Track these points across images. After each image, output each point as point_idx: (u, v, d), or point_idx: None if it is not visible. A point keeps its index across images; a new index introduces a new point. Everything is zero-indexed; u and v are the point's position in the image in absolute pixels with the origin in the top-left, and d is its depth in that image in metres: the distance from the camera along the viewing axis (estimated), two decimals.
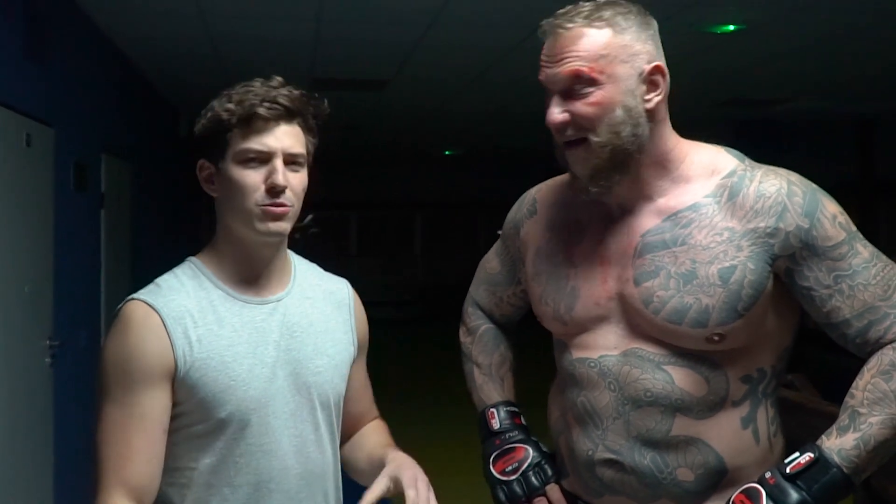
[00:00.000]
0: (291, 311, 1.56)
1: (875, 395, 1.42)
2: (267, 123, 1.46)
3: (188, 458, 1.48)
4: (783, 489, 1.39)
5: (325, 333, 1.60)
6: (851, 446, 1.40)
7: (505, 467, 1.68)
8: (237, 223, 1.50)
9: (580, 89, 1.45)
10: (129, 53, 5.93)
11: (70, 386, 4.23)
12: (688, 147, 1.55)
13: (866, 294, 1.44)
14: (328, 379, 1.58)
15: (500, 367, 1.83)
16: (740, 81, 7.17)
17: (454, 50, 5.91)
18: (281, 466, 1.51)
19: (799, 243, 1.45)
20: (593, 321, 1.56)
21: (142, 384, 1.42)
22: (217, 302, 1.50)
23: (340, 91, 7.37)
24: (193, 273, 1.53)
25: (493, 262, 1.84)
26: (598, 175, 1.48)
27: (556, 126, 1.48)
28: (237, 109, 1.46)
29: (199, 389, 1.45)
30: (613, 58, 1.45)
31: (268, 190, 1.46)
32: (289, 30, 5.34)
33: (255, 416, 1.48)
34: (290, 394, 1.53)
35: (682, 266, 1.47)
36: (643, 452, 1.51)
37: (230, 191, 1.48)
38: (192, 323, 1.46)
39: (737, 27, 5.29)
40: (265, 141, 1.46)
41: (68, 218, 4.35)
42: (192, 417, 1.46)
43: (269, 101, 1.46)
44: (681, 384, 1.48)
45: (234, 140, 1.47)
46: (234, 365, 1.47)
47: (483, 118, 9.32)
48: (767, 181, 1.48)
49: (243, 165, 1.47)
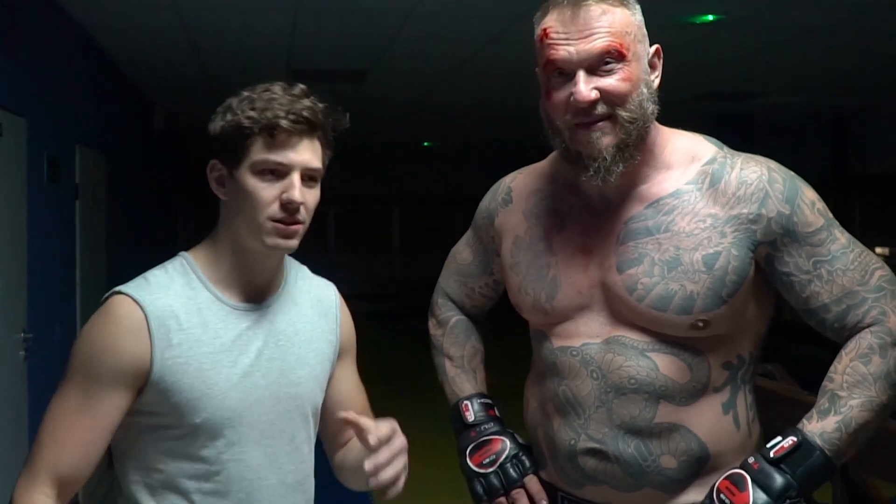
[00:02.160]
0: (278, 319, 1.54)
1: (854, 378, 1.43)
2: (290, 137, 1.41)
3: (157, 460, 1.46)
4: (768, 473, 1.41)
5: (308, 343, 1.58)
6: (833, 429, 1.41)
7: (482, 460, 1.67)
8: (245, 232, 1.46)
9: (609, 66, 1.43)
10: (104, 44, 5.86)
11: (44, 380, 4.18)
12: (668, 134, 1.56)
13: (845, 279, 1.46)
14: (308, 390, 1.56)
15: (472, 358, 1.82)
16: (718, 74, 7.20)
17: (432, 42, 5.89)
18: (254, 477, 1.49)
19: (780, 229, 1.46)
20: (575, 310, 1.55)
21: (107, 381, 1.40)
22: (204, 305, 1.47)
23: (318, 82, 7.28)
24: (184, 270, 1.50)
25: (465, 252, 1.83)
26: (623, 152, 1.45)
27: (587, 104, 1.42)
28: (260, 119, 1.40)
29: (174, 394, 1.42)
30: (634, 35, 1.45)
31: (283, 205, 1.42)
32: (266, 21, 5.30)
33: (229, 425, 1.45)
34: (270, 404, 1.50)
35: (667, 253, 1.47)
36: (627, 440, 1.51)
37: (243, 199, 1.44)
38: (177, 325, 1.43)
39: (716, 17, 5.30)
40: (286, 154, 1.42)
41: (42, 210, 4.29)
42: (165, 420, 1.44)
43: (294, 113, 1.41)
44: (665, 371, 1.49)
45: (254, 149, 1.42)
46: (213, 373, 1.44)
47: (461, 111, 9.31)
48: (748, 168, 1.49)
49: (260, 177, 1.42)
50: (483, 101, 8.49)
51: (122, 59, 6.41)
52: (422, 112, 9.39)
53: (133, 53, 6.20)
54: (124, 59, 6.42)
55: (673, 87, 7.57)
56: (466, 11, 5.06)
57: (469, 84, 7.47)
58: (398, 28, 5.48)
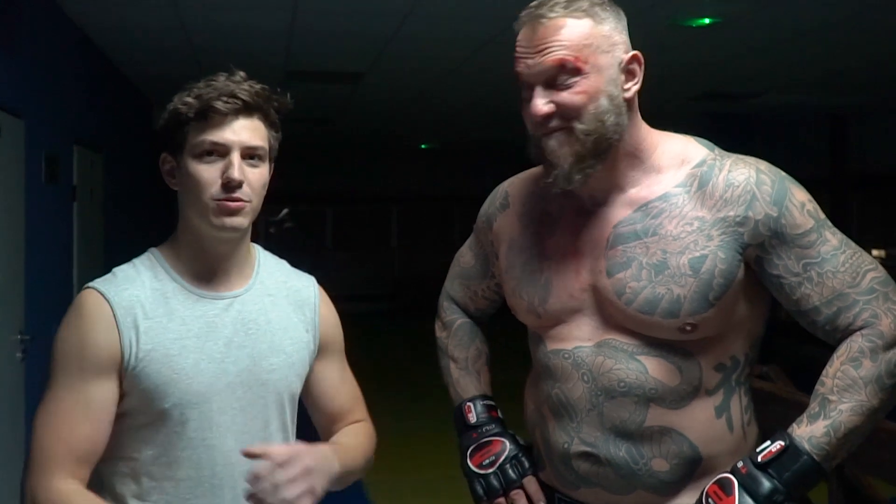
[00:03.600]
0: (249, 308, 1.56)
1: (844, 382, 1.43)
2: (224, 118, 1.46)
3: (131, 449, 1.49)
4: (755, 477, 1.40)
5: (283, 331, 1.59)
6: (822, 433, 1.41)
7: (482, 460, 1.68)
8: (194, 217, 1.50)
9: (565, 79, 1.44)
10: (101, 43, 5.86)
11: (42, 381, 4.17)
12: (658, 137, 1.56)
13: (835, 281, 1.45)
14: (282, 377, 1.58)
15: (475, 360, 1.83)
16: (715, 75, 7.20)
17: (430, 43, 5.90)
18: (225, 462, 1.50)
19: (768, 231, 1.45)
20: (567, 313, 1.56)
21: (90, 373, 1.45)
22: (170, 294, 1.51)
23: (315, 83, 7.34)
24: (151, 264, 1.55)
25: (467, 256, 1.85)
26: (580, 163, 1.47)
27: (541, 117, 1.46)
28: (195, 103, 1.46)
29: (142, 380, 1.46)
30: (596, 47, 1.45)
31: (223, 184, 1.46)
32: (264, 21, 5.30)
33: (197, 410, 1.48)
34: (240, 391, 1.52)
35: (654, 256, 1.48)
36: (618, 444, 1.51)
37: (188, 185, 1.49)
38: (143, 314, 1.47)
39: (712, 20, 5.31)
40: (221, 135, 1.46)
41: (39, 211, 4.29)
42: (134, 407, 1.48)
43: (227, 94, 1.46)
44: (654, 374, 1.49)
45: (192, 134, 1.47)
46: (179, 358, 1.47)
47: (459, 111, 9.31)
48: (736, 170, 1.49)
49: (199, 159, 1.47)
50: (480, 102, 8.50)
51: (120, 59, 6.41)
52: (419, 113, 9.40)
53: (131, 53, 6.21)
54: (122, 59, 6.42)
55: (671, 88, 7.57)
56: (463, 13, 5.07)
57: (466, 85, 7.47)
58: (396, 29, 5.48)
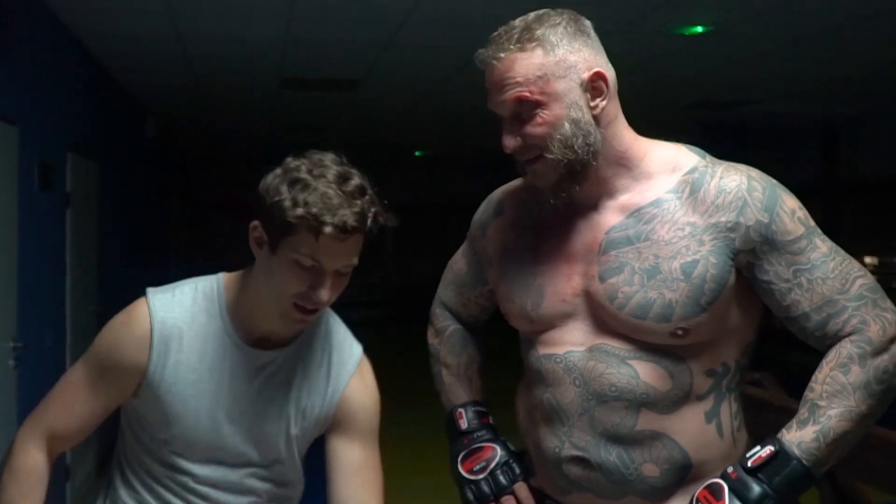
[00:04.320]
0: (280, 370, 1.57)
1: (834, 387, 1.44)
2: (333, 241, 1.40)
3: (139, 454, 1.60)
4: (745, 482, 1.41)
5: (296, 401, 1.59)
6: (811, 439, 1.42)
7: (473, 466, 1.69)
8: (268, 297, 1.48)
9: (526, 112, 1.48)
10: (96, 51, 5.86)
11: (34, 388, 4.16)
12: (647, 144, 1.57)
13: (825, 287, 1.47)
14: (279, 441, 1.59)
15: (467, 367, 1.84)
16: (708, 84, 7.23)
17: (425, 50, 5.91)
18: (224, 500, 1.58)
19: (759, 237, 1.47)
20: (560, 318, 1.57)
21: (109, 374, 1.54)
22: (212, 335, 1.52)
23: (310, 91, 7.34)
24: (212, 294, 1.55)
25: (460, 263, 1.86)
26: (559, 187, 1.52)
27: (511, 150, 1.52)
28: (307, 218, 1.37)
29: (156, 404, 1.52)
30: (550, 76, 1.47)
31: (308, 296, 1.43)
32: (259, 29, 5.30)
33: (196, 448, 1.54)
34: (241, 446, 1.56)
35: (646, 261, 1.49)
36: (609, 449, 1.52)
37: (274, 275, 1.45)
38: (177, 347, 1.51)
39: (705, 28, 5.33)
40: (325, 258, 1.41)
41: (33, 218, 4.28)
42: (144, 422, 1.58)
43: (343, 223, 1.38)
44: (645, 378, 1.49)
45: (296, 240, 1.40)
46: (192, 401, 1.52)
47: (454, 119, 9.33)
48: (728, 177, 1.50)
49: (295, 265, 1.42)
50: (475, 110, 8.50)
51: (114, 66, 6.41)
52: (414, 120, 9.41)
53: (126, 60, 6.20)
54: (117, 66, 6.42)
55: (664, 97, 7.59)
56: (458, 21, 5.08)
57: (461, 92, 7.48)
58: (390, 36, 5.50)
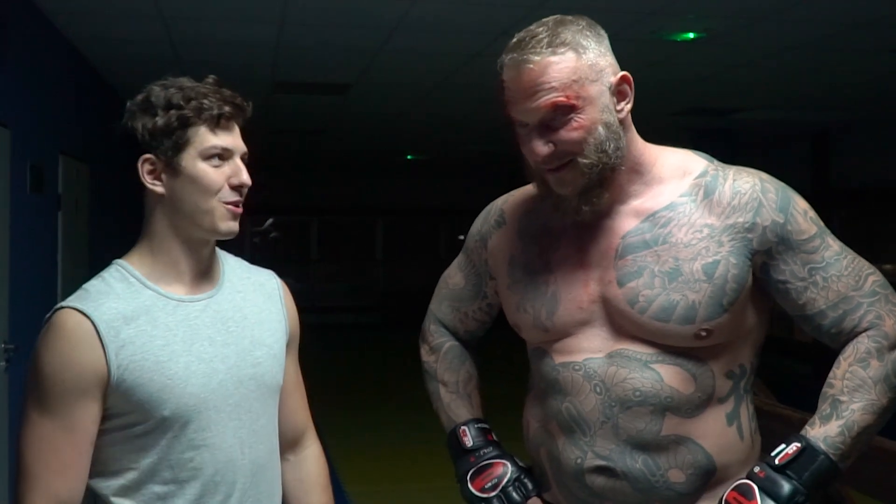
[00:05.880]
0: (224, 307, 1.57)
1: (854, 382, 1.46)
2: (229, 122, 1.51)
3: (128, 460, 1.47)
4: (774, 480, 1.41)
5: (259, 324, 1.61)
6: (836, 433, 1.43)
7: (484, 484, 1.65)
8: (190, 221, 1.50)
9: (560, 118, 1.44)
10: (88, 54, 5.86)
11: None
12: (656, 150, 1.57)
13: (840, 285, 1.49)
14: (268, 369, 1.59)
15: (466, 384, 1.80)
16: (699, 90, 7.26)
17: (417, 55, 5.92)
18: (226, 459, 1.51)
19: (775, 237, 1.48)
20: (576, 325, 1.55)
21: (73, 395, 1.41)
22: (149, 303, 1.50)
23: (303, 95, 7.35)
24: (122, 276, 1.53)
25: (457, 276, 1.81)
26: (589, 193, 1.48)
27: (541, 159, 1.46)
28: (203, 107, 1.49)
29: (136, 391, 1.44)
30: (584, 80, 1.44)
31: (234, 188, 1.50)
32: (251, 32, 5.31)
33: (195, 412, 1.48)
34: (232, 387, 1.53)
35: (666, 264, 1.49)
36: (634, 456, 1.50)
37: (190, 187, 1.49)
38: (125, 325, 1.45)
39: (697, 35, 5.36)
40: (231, 140, 1.51)
41: (24, 220, 4.28)
42: (130, 419, 1.46)
43: (230, 101, 1.51)
44: (670, 382, 1.48)
45: (199, 137, 1.49)
46: (171, 364, 1.47)
47: (446, 124, 9.34)
48: (741, 179, 1.52)
49: (208, 162, 1.49)
50: (467, 115, 8.52)
51: (106, 70, 6.40)
52: (406, 125, 9.41)
53: (117, 63, 6.20)
54: (109, 70, 6.41)
55: (655, 103, 7.63)
56: (450, 26, 5.09)
57: (453, 97, 7.50)
58: (383, 42, 5.51)
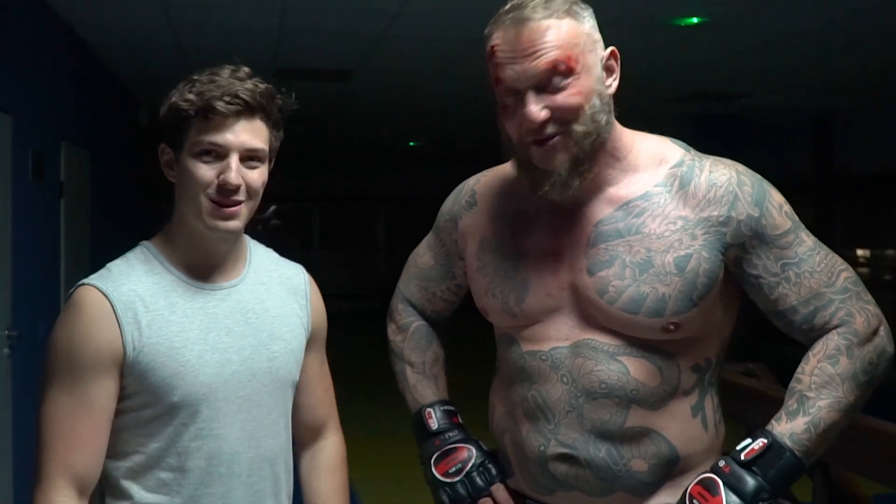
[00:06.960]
0: (245, 297, 1.56)
1: (822, 378, 1.44)
2: (225, 119, 1.44)
3: (136, 443, 1.48)
4: (739, 476, 1.41)
5: (280, 318, 1.60)
6: (802, 430, 1.42)
7: (448, 468, 1.64)
8: (189, 214, 1.49)
9: (558, 82, 1.40)
10: (89, 41, 5.84)
11: (29, 377, 4.16)
12: (633, 136, 1.55)
13: (812, 281, 1.47)
14: (283, 364, 1.59)
15: (433, 365, 1.78)
16: (702, 76, 7.23)
17: (420, 41, 5.90)
18: (231, 451, 1.51)
19: (749, 231, 1.46)
20: (545, 312, 1.53)
21: (90, 371, 1.43)
22: (169, 287, 1.50)
23: (304, 81, 7.33)
24: (146, 258, 1.53)
25: (426, 256, 1.78)
26: (578, 166, 1.45)
27: (537, 124, 1.41)
28: (196, 101, 1.44)
29: (149, 375, 1.45)
30: (583, 46, 1.43)
31: (219, 187, 1.45)
32: (252, 18, 5.29)
33: (205, 401, 1.48)
34: (245, 378, 1.53)
35: (638, 255, 1.47)
36: (598, 445, 1.50)
37: (184, 181, 1.48)
38: (143, 308, 1.46)
39: (700, 20, 5.33)
40: (221, 136, 1.44)
41: (26, 208, 4.28)
42: (140, 402, 1.47)
43: (230, 95, 1.44)
44: (636, 375, 1.48)
45: (191, 131, 1.45)
46: (185, 350, 1.47)
47: (448, 111, 9.32)
48: (717, 171, 1.49)
49: (197, 158, 1.46)
50: (469, 102, 8.50)
51: (107, 56, 6.38)
52: (408, 111, 9.39)
53: (119, 50, 6.18)
54: (110, 56, 6.40)
55: (658, 88, 7.60)
56: (453, 12, 5.07)
57: (455, 84, 7.48)
58: (385, 27, 5.49)
